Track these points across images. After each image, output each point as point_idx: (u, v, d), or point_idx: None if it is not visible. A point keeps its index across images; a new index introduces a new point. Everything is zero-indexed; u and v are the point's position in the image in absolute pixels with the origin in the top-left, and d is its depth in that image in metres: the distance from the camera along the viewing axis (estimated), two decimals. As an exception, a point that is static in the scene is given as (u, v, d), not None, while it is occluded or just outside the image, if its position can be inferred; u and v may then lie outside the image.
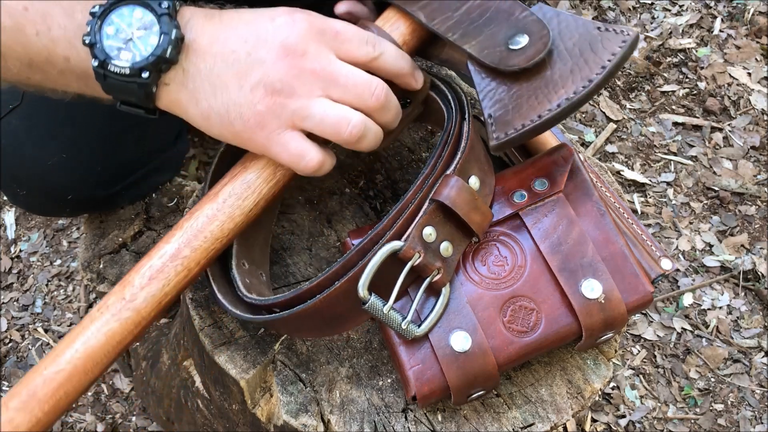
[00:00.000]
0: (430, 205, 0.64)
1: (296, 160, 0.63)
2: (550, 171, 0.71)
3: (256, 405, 0.72)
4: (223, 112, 0.61)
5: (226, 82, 0.60)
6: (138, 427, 1.34)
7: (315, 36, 0.62)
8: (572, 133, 1.68)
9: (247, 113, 0.61)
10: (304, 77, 0.61)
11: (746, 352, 1.43)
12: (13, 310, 1.47)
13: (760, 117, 1.71)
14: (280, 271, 0.77)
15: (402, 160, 0.84)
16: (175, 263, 0.64)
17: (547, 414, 0.70)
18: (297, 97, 0.61)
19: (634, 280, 0.67)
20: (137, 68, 0.59)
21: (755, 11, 1.86)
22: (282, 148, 0.62)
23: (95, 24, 0.59)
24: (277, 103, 0.60)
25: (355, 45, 0.63)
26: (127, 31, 0.60)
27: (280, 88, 0.60)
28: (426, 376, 0.65)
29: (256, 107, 0.60)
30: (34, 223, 1.57)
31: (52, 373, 0.61)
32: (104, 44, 0.59)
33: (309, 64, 0.61)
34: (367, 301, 0.62)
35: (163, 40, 0.59)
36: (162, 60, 0.59)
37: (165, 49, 0.59)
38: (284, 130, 0.62)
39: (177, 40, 0.59)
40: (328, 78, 0.61)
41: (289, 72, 0.60)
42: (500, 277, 0.68)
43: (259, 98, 0.60)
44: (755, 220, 1.58)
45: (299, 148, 0.62)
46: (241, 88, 0.60)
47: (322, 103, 0.61)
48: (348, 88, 0.62)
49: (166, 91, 0.62)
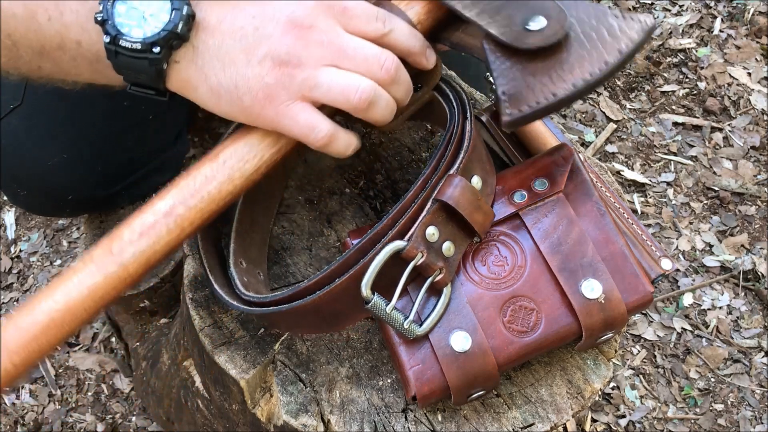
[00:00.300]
0: (433, 205, 0.64)
1: (306, 131, 0.63)
2: (550, 171, 0.71)
3: (256, 405, 0.72)
4: (232, 87, 0.61)
5: (234, 58, 0.61)
6: (138, 427, 1.34)
7: (323, 10, 0.62)
8: (572, 133, 1.68)
9: (255, 86, 0.61)
10: (312, 48, 0.61)
11: (746, 352, 1.43)
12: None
13: (760, 117, 1.71)
14: (280, 271, 0.77)
15: (402, 160, 0.84)
16: (167, 220, 0.62)
17: (547, 414, 0.70)
18: (305, 67, 0.61)
19: (634, 280, 0.67)
20: (149, 43, 0.59)
21: (755, 11, 1.86)
22: (292, 120, 0.62)
23: (107, 3, 0.60)
24: (285, 74, 0.61)
25: (364, 20, 0.63)
26: (139, 8, 0.60)
27: (288, 59, 0.60)
28: (426, 376, 0.65)
29: (264, 79, 0.60)
30: (34, 223, 1.57)
31: (27, 324, 0.60)
32: (116, 21, 0.60)
33: (316, 36, 0.61)
34: (370, 300, 0.62)
35: (174, 16, 0.59)
36: (173, 35, 0.59)
37: (176, 24, 0.59)
38: (294, 101, 0.62)
39: (188, 17, 0.60)
40: (336, 49, 0.62)
41: (296, 44, 0.61)
42: (500, 277, 0.68)
43: (267, 70, 0.60)
44: (755, 220, 1.58)
45: (309, 119, 0.62)
46: (249, 62, 0.61)
47: (330, 72, 0.61)
48: (357, 60, 0.62)
49: (176, 69, 0.62)
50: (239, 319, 0.74)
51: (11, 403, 1.36)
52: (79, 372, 1.40)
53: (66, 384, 1.39)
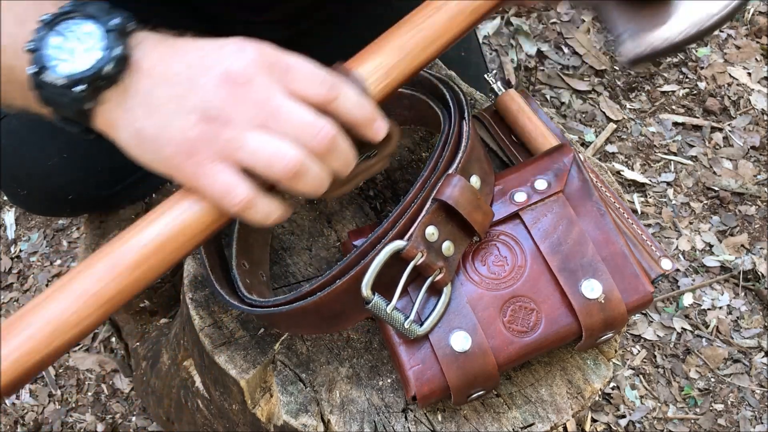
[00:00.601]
0: (432, 205, 0.64)
1: (221, 195, 0.58)
2: (550, 171, 0.71)
3: (256, 405, 0.72)
4: (156, 135, 0.58)
5: (162, 105, 0.58)
6: (138, 427, 1.34)
7: (263, 67, 0.58)
8: (572, 133, 1.68)
9: (179, 138, 0.57)
10: (243, 107, 0.57)
11: (746, 352, 1.43)
12: (13, 310, 1.47)
13: (760, 117, 1.71)
14: (280, 271, 0.77)
15: (402, 160, 0.84)
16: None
17: (547, 414, 0.70)
18: (232, 126, 0.57)
19: (634, 280, 0.67)
20: (73, 80, 0.57)
21: (755, 11, 1.86)
22: (210, 179, 0.58)
23: (42, 32, 0.58)
24: (211, 131, 0.57)
25: (307, 83, 0.59)
26: (73, 43, 0.58)
27: (216, 115, 0.57)
28: (426, 376, 0.65)
29: (187, 133, 0.57)
30: (34, 223, 1.57)
31: (138, 246, 0.60)
32: (46, 53, 0.57)
33: (250, 94, 0.57)
34: (370, 300, 0.62)
35: (104, 55, 0.57)
36: (99, 76, 0.57)
37: (104, 65, 0.57)
38: (215, 160, 0.57)
39: (120, 58, 0.57)
40: (268, 111, 0.57)
41: (227, 100, 0.57)
42: (500, 277, 0.68)
43: (192, 124, 0.57)
44: (755, 220, 1.58)
45: (227, 182, 0.57)
46: (177, 113, 0.57)
47: (257, 136, 0.57)
48: (289, 125, 0.57)
49: (103, 109, 0.59)
50: (239, 319, 0.74)
51: (11, 403, 1.36)
52: (79, 372, 1.40)
53: (66, 384, 1.39)
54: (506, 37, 1.82)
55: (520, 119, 0.81)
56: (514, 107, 0.82)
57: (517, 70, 1.76)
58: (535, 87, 1.75)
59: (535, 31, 1.83)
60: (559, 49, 1.81)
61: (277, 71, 0.59)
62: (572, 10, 1.87)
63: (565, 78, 1.76)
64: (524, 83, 1.75)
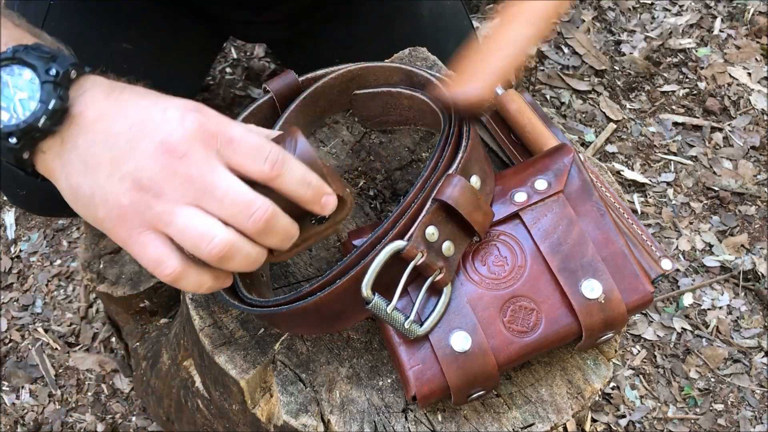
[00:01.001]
0: (432, 205, 0.64)
1: (153, 265, 0.58)
2: (549, 171, 0.71)
3: (256, 405, 0.72)
4: (89, 194, 0.57)
5: (99, 165, 0.56)
6: (138, 427, 1.34)
7: (203, 139, 0.56)
8: (572, 133, 1.68)
9: (111, 202, 0.56)
10: (176, 181, 0.55)
11: (746, 352, 1.43)
12: (13, 310, 1.47)
13: (760, 117, 1.71)
14: (280, 271, 0.77)
15: (402, 160, 0.84)
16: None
17: (547, 414, 0.70)
18: (164, 200, 0.56)
19: (634, 280, 0.67)
20: (5, 132, 0.56)
21: (755, 11, 1.86)
22: (141, 248, 0.57)
23: None
24: (142, 201, 0.56)
25: (249, 158, 0.57)
26: (11, 91, 0.57)
27: (149, 185, 0.55)
28: (426, 376, 0.65)
29: (120, 199, 0.56)
30: (34, 223, 1.57)
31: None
32: None
33: (185, 168, 0.55)
34: (370, 300, 0.62)
35: (38, 108, 0.56)
36: (33, 129, 0.56)
37: (38, 118, 0.55)
38: (145, 230, 0.57)
39: (55, 111, 0.56)
40: (203, 187, 0.56)
41: (161, 171, 0.55)
42: (500, 277, 0.68)
43: (125, 191, 0.56)
44: (755, 220, 1.58)
45: (157, 253, 0.57)
46: (111, 176, 0.56)
47: (188, 213, 0.56)
48: (223, 204, 0.56)
49: (42, 158, 0.59)
50: (239, 319, 0.74)
51: (11, 403, 1.37)
52: (79, 372, 1.40)
53: (66, 384, 1.39)
54: (506, 37, 1.81)
55: (520, 119, 0.81)
56: (514, 107, 0.82)
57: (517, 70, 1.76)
58: (535, 87, 1.75)
59: (535, 31, 1.83)
60: (559, 49, 1.81)
61: (219, 142, 0.57)
62: (572, 9, 1.87)
63: (565, 78, 1.76)
64: (524, 83, 1.75)
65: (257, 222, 0.56)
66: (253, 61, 1.76)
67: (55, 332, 1.44)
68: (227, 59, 1.76)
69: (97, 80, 0.59)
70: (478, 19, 1.83)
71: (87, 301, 1.47)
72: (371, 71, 0.80)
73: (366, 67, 0.79)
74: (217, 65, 1.73)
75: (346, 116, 0.86)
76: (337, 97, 0.82)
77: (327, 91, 0.81)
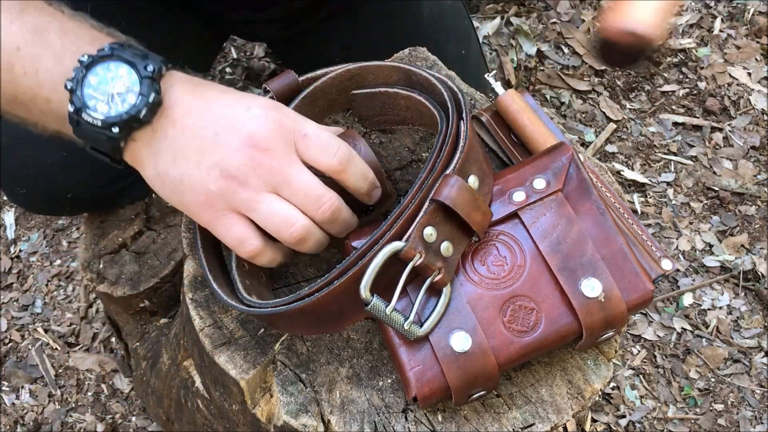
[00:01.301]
0: (430, 205, 0.64)
1: (236, 243, 0.65)
2: (548, 170, 0.71)
3: (256, 405, 0.72)
4: (178, 180, 0.63)
5: (187, 154, 0.62)
6: (138, 427, 1.34)
7: (283, 135, 0.64)
8: (572, 133, 1.68)
9: (199, 189, 0.63)
10: (260, 171, 0.63)
11: (746, 352, 1.43)
12: (13, 310, 1.47)
13: (760, 117, 1.71)
14: (280, 271, 0.77)
15: (402, 160, 0.84)
16: None
17: (547, 414, 0.70)
18: (248, 188, 0.63)
19: (634, 279, 0.67)
20: (109, 123, 0.61)
21: (755, 11, 1.86)
22: (225, 229, 0.65)
23: (80, 72, 0.61)
24: (229, 188, 0.62)
25: (320, 153, 0.65)
26: (109, 85, 0.61)
27: (235, 175, 0.62)
28: (426, 376, 0.64)
29: (208, 185, 0.62)
30: (34, 223, 1.57)
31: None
32: (84, 93, 0.61)
33: (268, 160, 0.63)
34: (369, 302, 0.62)
35: (140, 101, 0.61)
36: (134, 120, 0.61)
37: (140, 110, 0.61)
38: (230, 213, 0.64)
39: (154, 104, 0.61)
40: (281, 179, 0.63)
41: (247, 163, 0.62)
42: (500, 277, 0.68)
43: (213, 178, 0.62)
44: (755, 220, 1.58)
45: (241, 233, 0.65)
46: (199, 165, 0.62)
47: (270, 200, 0.63)
48: (297, 194, 0.64)
49: (132, 146, 0.64)
50: (239, 319, 0.74)
51: (11, 403, 1.37)
52: (79, 372, 1.40)
53: (66, 384, 1.39)
54: (506, 37, 1.82)
55: (520, 119, 0.81)
56: (514, 107, 0.82)
57: (517, 70, 1.76)
58: (535, 87, 1.75)
59: (535, 31, 1.83)
60: (559, 49, 1.81)
61: (296, 137, 0.65)
62: (572, 9, 1.87)
63: (565, 78, 1.76)
64: (524, 83, 1.75)
65: (325, 213, 0.65)
66: (253, 61, 1.76)
67: (55, 332, 1.44)
68: (227, 59, 1.76)
69: (180, 76, 0.65)
70: (478, 19, 1.83)
71: (87, 301, 1.47)
72: (369, 71, 0.80)
73: (364, 66, 0.79)
74: (217, 65, 1.73)
75: (346, 116, 0.86)
76: (336, 97, 0.82)
77: (326, 91, 0.81)
